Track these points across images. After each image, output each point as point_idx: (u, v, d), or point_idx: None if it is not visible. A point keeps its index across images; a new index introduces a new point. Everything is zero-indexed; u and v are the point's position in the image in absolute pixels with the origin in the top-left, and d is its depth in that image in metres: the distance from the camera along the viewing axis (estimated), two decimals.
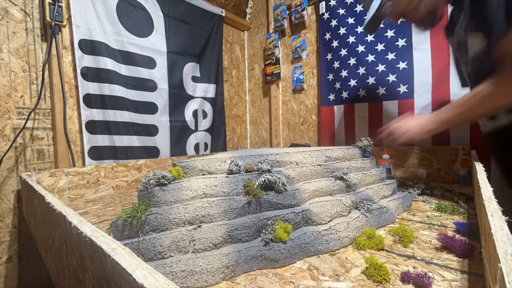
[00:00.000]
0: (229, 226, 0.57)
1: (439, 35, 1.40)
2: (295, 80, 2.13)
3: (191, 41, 1.94)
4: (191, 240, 0.54)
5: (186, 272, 0.49)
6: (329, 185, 0.75)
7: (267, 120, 2.41)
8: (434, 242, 0.64)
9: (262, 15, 2.41)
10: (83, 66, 1.39)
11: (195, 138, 2.00)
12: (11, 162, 1.20)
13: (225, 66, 2.35)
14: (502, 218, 0.39)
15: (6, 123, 1.19)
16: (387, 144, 0.92)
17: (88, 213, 1.00)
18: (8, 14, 1.20)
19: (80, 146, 1.41)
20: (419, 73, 1.48)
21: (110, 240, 0.34)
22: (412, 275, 0.47)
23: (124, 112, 1.53)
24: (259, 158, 0.74)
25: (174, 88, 1.83)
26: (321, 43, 1.90)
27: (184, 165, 0.68)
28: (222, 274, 0.51)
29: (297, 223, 0.62)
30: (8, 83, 1.20)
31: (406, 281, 0.47)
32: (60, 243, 0.53)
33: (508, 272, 0.26)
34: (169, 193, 0.60)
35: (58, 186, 1.20)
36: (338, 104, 1.83)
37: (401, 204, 0.89)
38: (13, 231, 1.21)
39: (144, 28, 1.66)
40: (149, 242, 0.52)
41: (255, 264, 0.54)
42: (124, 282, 0.27)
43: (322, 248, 0.60)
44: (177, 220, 0.56)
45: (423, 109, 1.47)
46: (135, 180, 1.49)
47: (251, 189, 0.62)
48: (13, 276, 1.21)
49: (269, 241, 0.56)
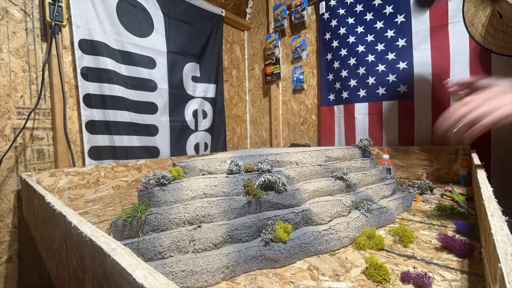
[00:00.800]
0: (229, 226, 0.57)
1: (439, 35, 1.40)
2: (295, 80, 2.13)
3: (191, 41, 1.94)
4: (191, 240, 0.54)
5: (186, 272, 0.49)
6: (329, 185, 0.75)
7: (267, 120, 2.41)
8: (434, 242, 0.64)
9: (262, 15, 2.41)
10: (83, 66, 1.39)
11: (195, 138, 2.00)
12: (11, 162, 1.20)
13: (225, 66, 2.35)
14: (502, 218, 0.39)
15: (6, 123, 1.19)
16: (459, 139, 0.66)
17: (88, 213, 1.00)
18: (8, 14, 1.20)
19: (80, 146, 1.41)
20: (419, 73, 1.48)
21: (110, 240, 0.34)
22: (412, 275, 0.47)
23: (124, 112, 1.53)
24: (259, 158, 0.74)
25: (174, 88, 1.83)
26: (321, 43, 1.90)
27: (184, 165, 0.68)
28: (222, 274, 0.51)
29: (297, 223, 0.62)
30: (8, 83, 1.20)
31: (406, 281, 0.47)
32: (60, 243, 0.53)
33: (508, 272, 0.26)
34: (169, 193, 0.60)
35: (58, 186, 1.20)
36: (338, 104, 1.83)
37: (401, 204, 0.89)
38: (13, 231, 1.21)
39: (144, 28, 1.66)
40: (149, 242, 0.52)
41: (255, 264, 0.54)
42: (124, 282, 0.27)
43: (322, 248, 0.60)
44: (177, 220, 0.56)
45: (423, 108, 1.47)
46: (135, 180, 1.49)
47: (251, 189, 0.62)
48: (13, 276, 1.21)
49: (269, 241, 0.56)
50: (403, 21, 1.51)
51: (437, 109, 1.43)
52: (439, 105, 1.43)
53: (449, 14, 1.36)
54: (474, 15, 1.18)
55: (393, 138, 1.59)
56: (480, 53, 1.29)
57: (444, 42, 1.39)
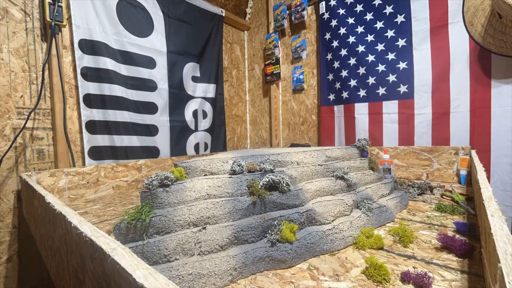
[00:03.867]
0: (234, 227, 0.56)
1: (439, 36, 1.40)
2: (295, 80, 2.13)
3: (191, 41, 1.93)
4: (197, 242, 0.53)
5: (193, 276, 0.48)
6: (330, 185, 0.75)
7: (267, 120, 2.41)
8: (434, 242, 0.64)
9: (262, 15, 2.41)
10: (83, 66, 1.39)
11: (195, 138, 2.00)
12: (11, 162, 1.20)
13: (225, 66, 2.35)
14: (502, 218, 0.39)
15: (6, 123, 1.19)
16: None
17: (88, 213, 1.00)
18: (8, 14, 1.20)
19: (80, 146, 1.41)
20: (419, 73, 1.48)
21: (110, 240, 0.34)
22: (412, 275, 0.47)
23: (124, 112, 1.53)
24: (261, 158, 0.74)
25: (174, 88, 1.83)
26: (321, 43, 1.90)
27: (186, 165, 0.68)
28: (230, 276, 0.50)
29: (302, 223, 0.62)
30: (8, 83, 1.20)
31: (406, 281, 0.47)
32: (60, 243, 0.53)
33: (508, 272, 0.26)
34: (172, 194, 0.59)
35: (58, 186, 1.20)
36: (338, 104, 1.83)
37: (399, 203, 0.89)
38: (13, 231, 1.21)
39: (144, 28, 1.66)
40: (154, 245, 0.51)
41: (263, 265, 0.53)
42: (124, 282, 0.27)
43: (328, 247, 0.60)
44: (181, 222, 0.55)
45: (423, 108, 1.47)
46: (135, 180, 1.49)
47: (256, 189, 0.62)
48: (13, 276, 1.21)
49: (276, 242, 0.55)
50: (403, 21, 1.52)
51: (437, 109, 1.43)
52: (439, 105, 1.43)
53: (449, 14, 1.36)
54: (474, 15, 1.18)
55: (393, 138, 1.59)
56: (480, 53, 1.29)
57: (444, 42, 1.39)
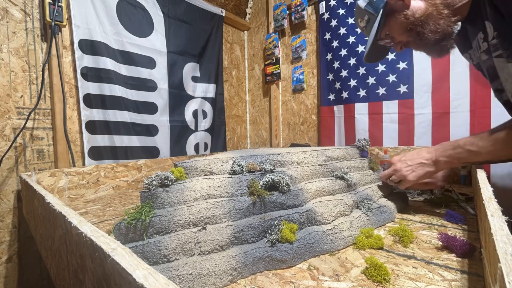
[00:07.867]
0: (234, 227, 0.56)
1: None
2: (295, 80, 2.13)
3: (191, 41, 1.93)
4: (197, 242, 0.53)
5: (193, 276, 0.48)
6: (330, 185, 0.75)
7: (267, 120, 2.41)
8: (434, 242, 0.64)
9: (262, 15, 2.41)
10: (83, 66, 1.39)
11: (195, 138, 2.00)
12: (11, 162, 1.20)
13: (225, 66, 2.35)
14: (502, 218, 0.39)
15: (6, 123, 1.19)
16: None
17: (88, 213, 1.00)
18: (8, 14, 1.20)
19: (80, 146, 1.41)
20: (419, 73, 1.48)
21: (110, 240, 0.34)
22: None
23: (124, 112, 1.53)
24: (261, 158, 0.74)
25: (174, 88, 1.83)
26: (321, 43, 1.90)
27: (186, 165, 0.68)
28: (230, 276, 0.50)
29: (302, 223, 0.62)
30: (8, 83, 1.20)
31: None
32: (60, 243, 0.53)
33: (508, 272, 0.26)
34: (172, 194, 0.59)
35: (58, 186, 1.20)
36: (338, 104, 1.83)
37: (399, 203, 0.89)
38: (13, 231, 1.21)
39: (144, 28, 1.66)
40: (154, 245, 0.51)
41: (263, 266, 0.54)
42: (124, 282, 0.27)
43: (328, 247, 0.60)
44: (181, 222, 0.55)
45: (423, 108, 1.47)
46: (135, 180, 1.49)
47: (256, 189, 0.62)
48: (13, 276, 1.21)
49: (276, 242, 0.55)
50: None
51: (437, 109, 1.43)
52: (439, 105, 1.43)
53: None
54: None
55: (393, 138, 1.59)
56: None
57: None
